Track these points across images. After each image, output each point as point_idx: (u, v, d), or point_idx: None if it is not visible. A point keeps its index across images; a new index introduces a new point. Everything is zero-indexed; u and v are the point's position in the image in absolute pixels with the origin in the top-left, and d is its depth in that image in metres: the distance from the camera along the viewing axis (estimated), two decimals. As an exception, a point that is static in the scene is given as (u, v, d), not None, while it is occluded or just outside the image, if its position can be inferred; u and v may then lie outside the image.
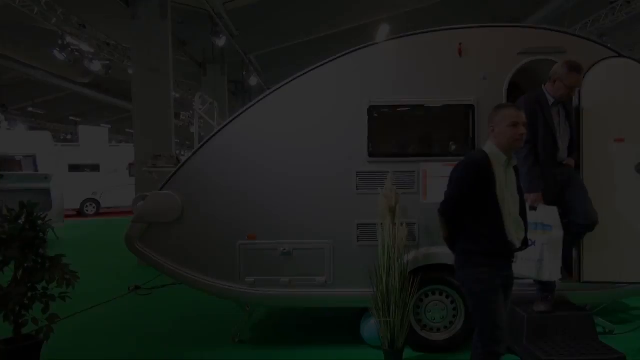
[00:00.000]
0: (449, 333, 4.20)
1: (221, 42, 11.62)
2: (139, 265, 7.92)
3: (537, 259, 3.66)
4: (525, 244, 2.90)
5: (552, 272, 3.68)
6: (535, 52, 4.08)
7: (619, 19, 11.62)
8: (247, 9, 12.91)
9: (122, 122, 30.57)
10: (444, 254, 4.07)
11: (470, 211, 2.77)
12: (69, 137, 29.52)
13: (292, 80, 4.22)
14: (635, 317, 5.06)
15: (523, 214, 2.90)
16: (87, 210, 17.98)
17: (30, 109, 24.97)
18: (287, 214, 4.16)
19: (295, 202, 4.15)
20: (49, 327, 3.80)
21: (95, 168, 18.16)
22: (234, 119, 4.27)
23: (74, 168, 17.71)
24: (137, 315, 5.62)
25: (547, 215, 3.68)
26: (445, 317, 4.21)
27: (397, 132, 4.27)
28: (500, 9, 14.12)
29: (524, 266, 3.64)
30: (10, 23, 12.15)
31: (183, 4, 12.03)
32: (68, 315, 5.30)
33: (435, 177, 4.10)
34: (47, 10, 10.12)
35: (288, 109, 4.21)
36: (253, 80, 16.40)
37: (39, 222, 3.89)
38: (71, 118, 28.54)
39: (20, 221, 3.82)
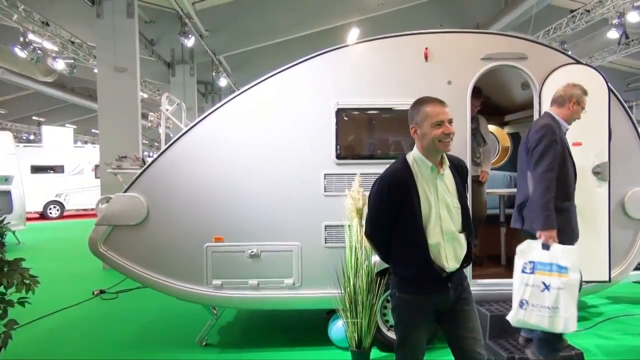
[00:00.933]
0: (415, 333, 4.26)
1: (190, 42, 11.48)
2: (105, 269, 7.76)
3: (551, 306, 3.11)
4: (467, 263, 2.45)
5: (568, 322, 3.10)
6: (498, 58, 4.19)
7: (579, 27, 12.04)
8: (216, 10, 12.83)
9: (88, 122, 29.78)
10: (410, 255, 4.15)
11: (394, 229, 2.38)
12: (31, 137, 28.62)
13: (260, 82, 4.22)
14: (593, 314, 5.25)
15: (467, 227, 2.43)
16: (50, 213, 17.47)
17: (-11, 108, 24.10)
18: (254, 216, 4.15)
19: (262, 204, 4.14)
20: (7, 333, 3.67)
21: (59, 169, 17.66)
22: (201, 120, 4.23)
23: (36, 169, 17.20)
24: (101, 320, 5.50)
25: (564, 255, 3.18)
26: (412, 317, 4.27)
27: (365, 134, 4.32)
28: (466, 15, 14.46)
29: (533, 314, 3.15)
30: (-31, 19, 11.71)
31: (151, 4, 11.86)
32: (28, 321, 5.15)
33: (402, 179, 4.16)
34: (8, 6, 9.79)
35: (256, 110, 4.20)
36: (223, 82, 16.25)
37: (-3, 225, 3.76)
38: (34, 118, 27.64)
39: (-24, 224, 3.69)
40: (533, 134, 3.41)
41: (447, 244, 2.35)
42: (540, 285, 3.16)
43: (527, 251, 3.26)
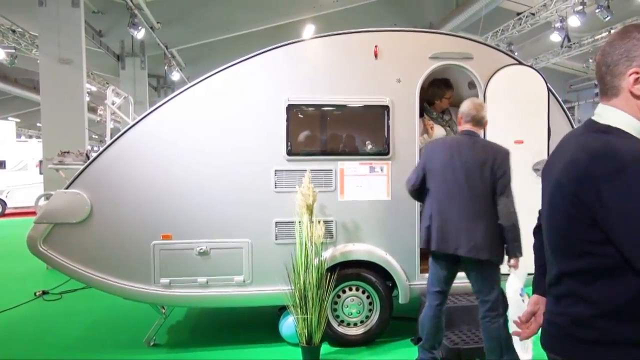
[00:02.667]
0: (365, 327, 4.33)
1: (140, 34, 11.14)
2: (49, 269, 7.42)
3: None
4: None
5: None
6: (445, 57, 4.29)
7: (525, 30, 12.52)
8: (168, 1, 12.51)
9: (33, 115, 28.34)
10: (360, 250, 4.21)
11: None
12: (-31, 131, 27.02)
13: (209, 77, 4.14)
14: (534, 305, 5.47)
15: None
16: (-10, 211, 16.57)
17: None
18: (204, 213, 4.08)
19: (212, 200, 4.08)
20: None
21: (0, 165, 16.77)
22: (148, 114, 4.12)
23: (-25, 165, 16.27)
24: (44, 321, 5.27)
25: (511, 286, 3.24)
26: (362, 312, 4.33)
27: (315, 131, 4.32)
28: (420, 15, 14.74)
29: None
30: None
31: (99, -7, 11.42)
32: (-38, 325, 4.88)
33: (352, 176, 4.21)
34: (-59, -9, 9.21)
35: (205, 105, 4.13)
36: (176, 76, 15.89)
37: None
38: (-28, 110, 26.09)
39: None
40: (508, 161, 3.30)
41: None
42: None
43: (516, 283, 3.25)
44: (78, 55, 8.47)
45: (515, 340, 3.20)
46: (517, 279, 3.23)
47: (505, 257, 3.30)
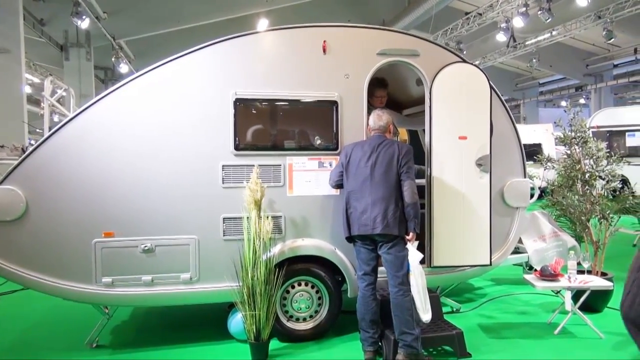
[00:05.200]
0: (314, 322, 4.34)
1: (84, 24, 10.70)
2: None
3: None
4: None
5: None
6: (392, 54, 4.34)
7: (473, 29, 12.91)
8: (115, -9, 12.10)
9: (-32, 108, 26.81)
10: (309, 245, 4.22)
11: None
12: None
13: (155, 68, 4.02)
14: (478, 296, 5.68)
15: None
16: None
17: None
18: (148, 209, 3.96)
19: (157, 196, 3.97)
20: None
21: None
22: (89, 106, 3.95)
23: None
24: (-24, 326, 4.99)
25: (413, 256, 3.73)
26: (311, 306, 4.34)
27: (264, 125, 4.29)
28: (373, 12, 14.92)
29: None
30: None
31: (39, -21, 10.90)
32: None
33: (301, 171, 4.21)
34: None
35: (150, 98, 4.01)
36: (124, 68, 15.39)
37: None
38: None
39: None
40: (410, 154, 3.91)
41: None
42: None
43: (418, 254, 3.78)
44: (16, 44, 8.05)
45: (417, 301, 3.72)
46: (415, 250, 3.75)
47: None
